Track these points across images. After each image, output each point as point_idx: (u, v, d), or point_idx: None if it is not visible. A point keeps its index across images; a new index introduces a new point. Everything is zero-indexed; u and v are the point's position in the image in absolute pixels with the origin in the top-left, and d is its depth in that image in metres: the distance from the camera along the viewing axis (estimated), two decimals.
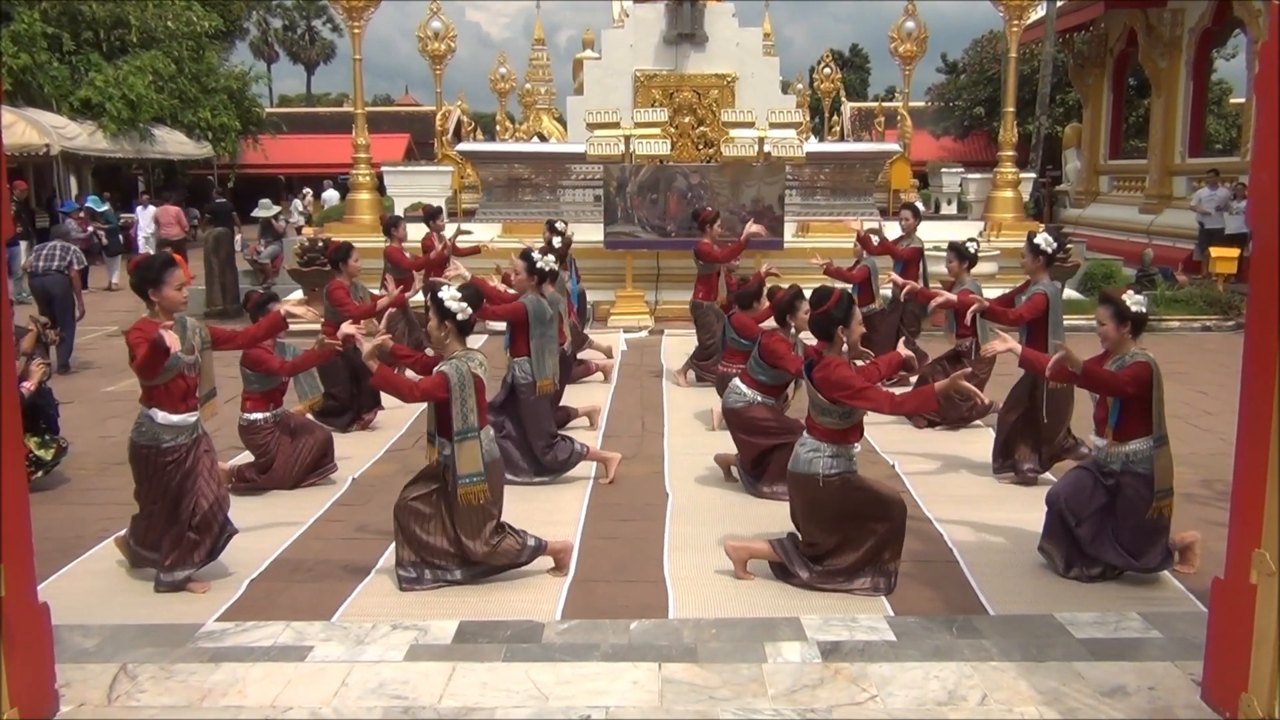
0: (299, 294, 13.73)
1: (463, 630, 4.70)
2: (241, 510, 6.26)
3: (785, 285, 6.78)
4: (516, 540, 5.21)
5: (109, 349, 12.56)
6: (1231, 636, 3.80)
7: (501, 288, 7.40)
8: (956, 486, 6.89)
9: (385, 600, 5.05)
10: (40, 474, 6.83)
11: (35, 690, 3.83)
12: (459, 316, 4.98)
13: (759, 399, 6.58)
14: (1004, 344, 5.10)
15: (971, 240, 8.50)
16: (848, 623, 4.75)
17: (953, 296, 7.19)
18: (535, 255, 6.94)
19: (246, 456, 6.99)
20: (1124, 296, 5.05)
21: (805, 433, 5.10)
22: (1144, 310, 5.06)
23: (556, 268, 7.37)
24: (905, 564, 5.46)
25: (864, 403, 4.86)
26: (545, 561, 5.42)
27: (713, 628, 4.73)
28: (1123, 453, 5.08)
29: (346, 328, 5.26)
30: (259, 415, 6.73)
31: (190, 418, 5.08)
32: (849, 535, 5.08)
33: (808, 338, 5.65)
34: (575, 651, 4.50)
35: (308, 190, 31.22)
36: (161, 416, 4.98)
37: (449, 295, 5.00)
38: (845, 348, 5.09)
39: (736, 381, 6.74)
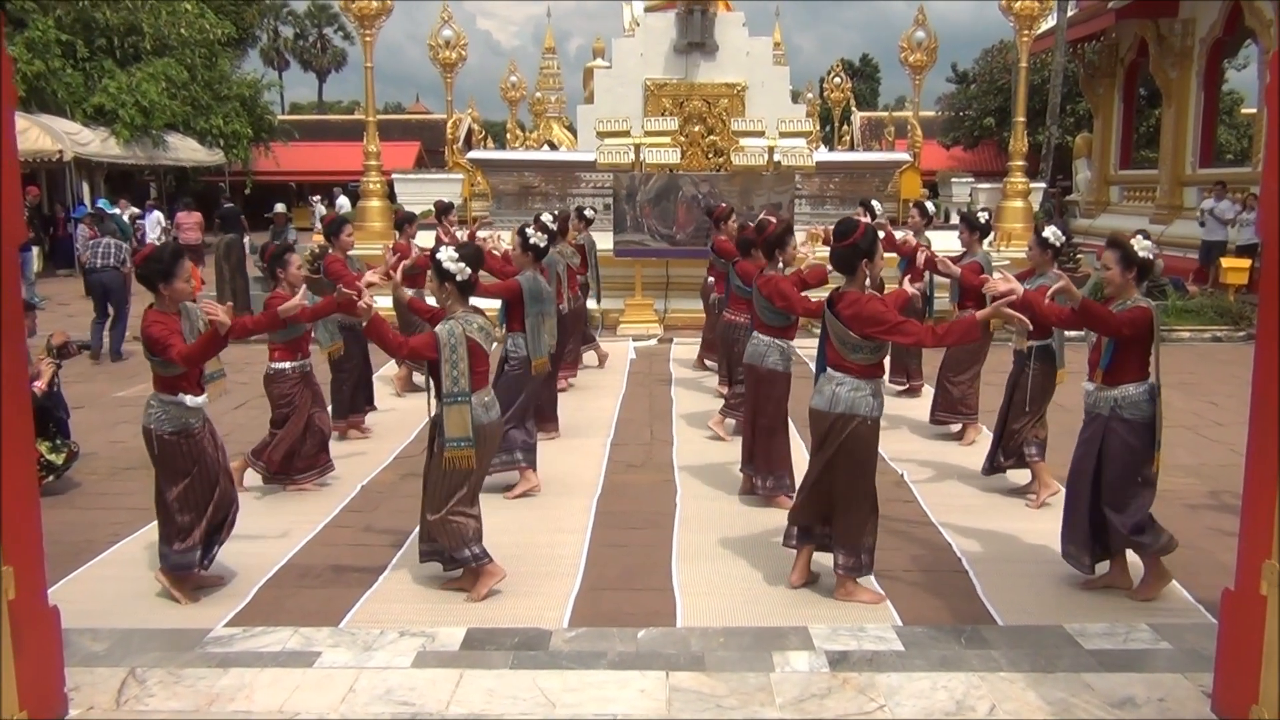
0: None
1: (470, 637, 4.70)
2: (250, 515, 6.28)
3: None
4: (469, 531, 5.07)
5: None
6: (1241, 648, 3.78)
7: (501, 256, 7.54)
8: (965, 496, 6.87)
9: (393, 606, 5.06)
10: (51, 478, 6.86)
11: (44, 693, 3.85)
12: (458, 278, 4.96)
13: (791, 355, 6.51)
14: (1006, 283, 5.00)
15: (983, 210, 8.59)
16: (855, 632, 4.75)
17: (956, 269, 7.19)
18: (528, 231, 6.92)
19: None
20: (1132, 242, 5.03)
21: (832, 370, 4.92)
22: (1150, 257, 5.01)
23: (555, 228, 7.70)
24: (913, 573, 5.47)
25: (902, 337, 4.77)
26: (556, 566, 5.44)
27: (720, 636, 4.73)
28: (1111, 396, 5.02)
29: (370, 275, 5.34)
30: (286, 364, 6.82)
31: (205, 399, 5.15)
32: (851, 497, 5.02)
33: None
34: (582, 659, 4.50)
35: (316, 196, 31.20)
36: (190, 400, 5.02)
37: (446, 256, 4.97)
38: (868, 282, 4.97)
39: (760, 336, 6.54)
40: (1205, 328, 13.68)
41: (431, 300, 5.41)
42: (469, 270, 4.99)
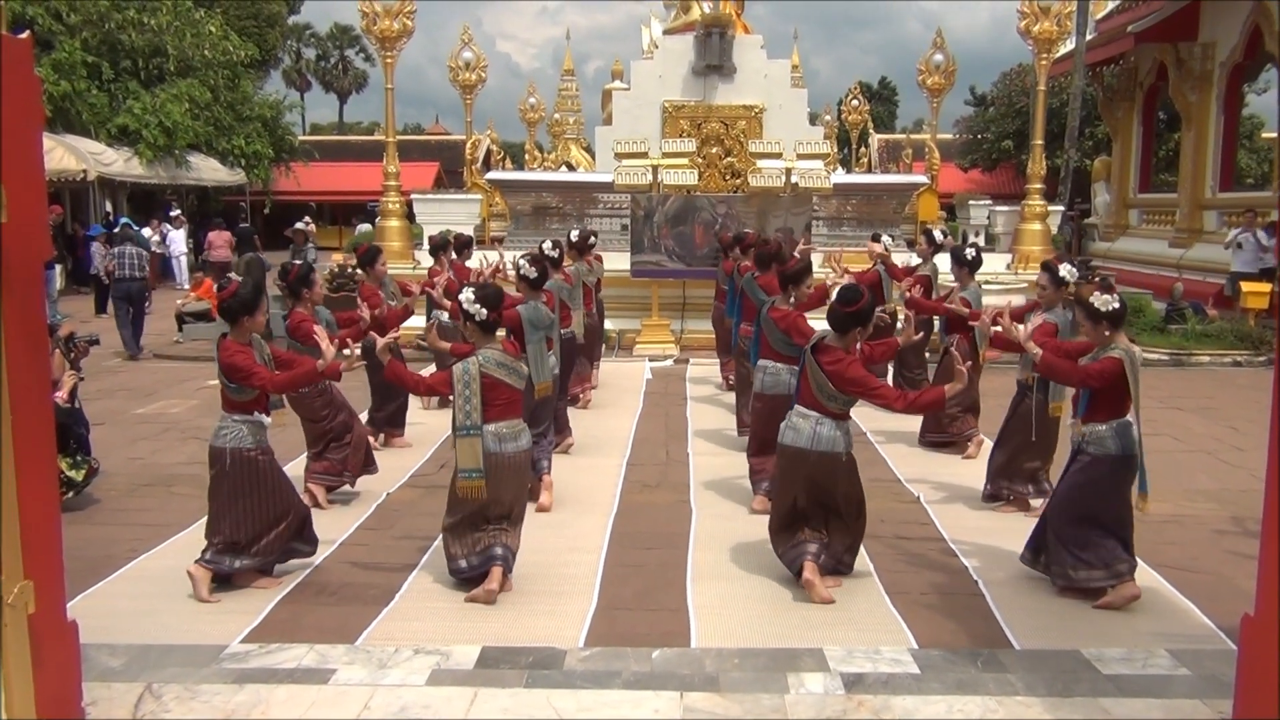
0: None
1: (485, 655, 4.70)
2: None
3: None
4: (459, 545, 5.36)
5: (140, 371, 12.73)
6: (1262, 674, 3.73)
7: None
8: (980, 519, 6.83)
9: (409, 625, 5.07)
10: (71, 494, 6.90)
11: (63, 707, 3.86)
12: (476, 318, 5.20)
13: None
14: (998, 328, 5.63)
15: (971, 246, 8.80)
16: (871, 654, 4.73)
17: (958, 309, 7.46)
18: (521, 263, 7.02)
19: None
20: (1092, 298, 5.27)
21: (805, 408, 5.31)
22: (1116, 308, 5.22)
23: (555, 256, 8.07)
24: (929, 596, 5.45)
25: (877, 400, 5.21)
26: (571, 585, 5.47)
27: (735, 657, 4.71)
28: (1082, 432, 5.33)
29: (411, 286, 5.48)
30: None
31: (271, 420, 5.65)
32: (846, 513, 5.41)
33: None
34: (597, 679, 4.50)
35: (307, 219, 29.64)
36: (265, 419, 5.48)
37: (465, 298, 5.21)
38: (858, 345, 5.33)
39: (774, 364, 6.68)
40: (1225, 352, 13.58)
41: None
42: (485, 312, 5.20)
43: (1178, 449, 8.83)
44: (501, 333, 5.53)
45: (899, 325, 6.54)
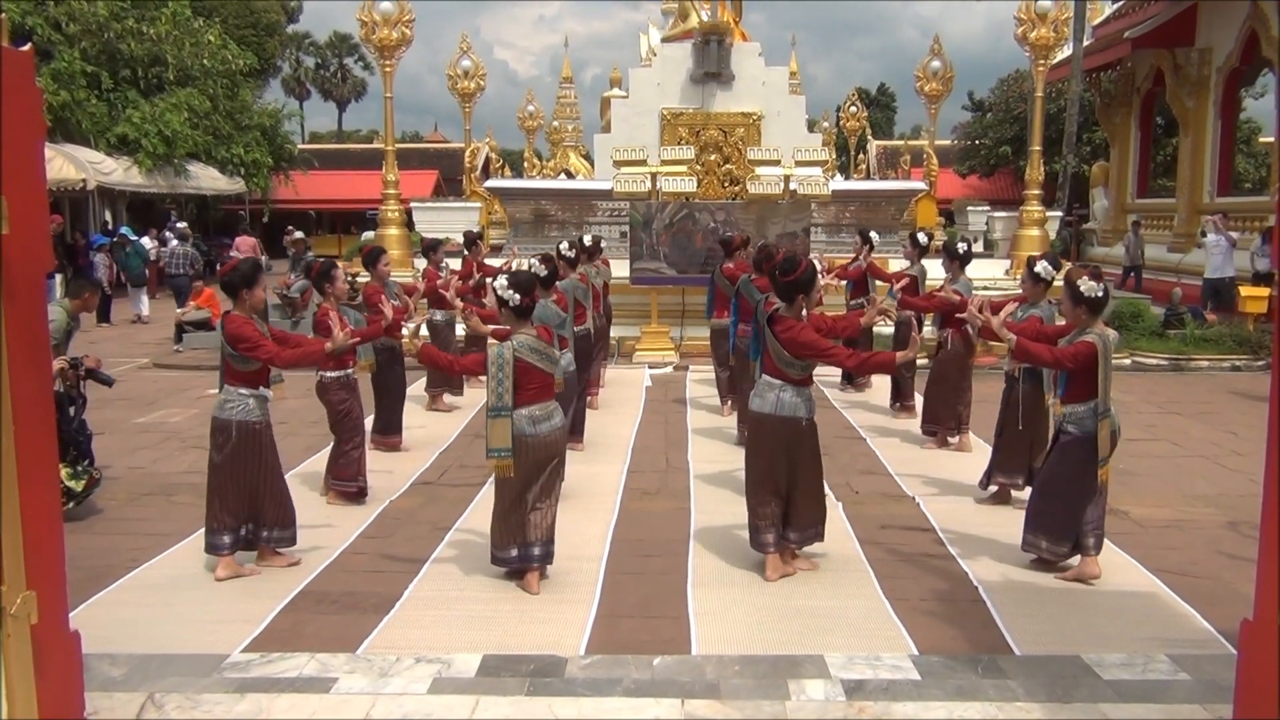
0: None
1: (486, 663, 4.71)
2: None
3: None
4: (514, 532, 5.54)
5: (140, 381, 12.73)
6: (1261, 679, 3.74)
7: None
8: (980, 521, 6.82)
9: (410, 633, 5.07)
10: (71, 505, 6.89)
11: (65, 716, 3.87)
12: (510, 303, 5.36)
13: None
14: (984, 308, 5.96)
15: (962, 240, 9.01)
16: (871, 661, 4.73)
17: (948, 298, 7.98)
18: (532, 262, 7.19)
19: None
20: (1080, 281, 5.57)
21: (771, 377, 5.57)
22: (1098, 295, 5.52)
23: (571, 256, 8.66)
24: (929, 602, 5.46)
25: (829, 360, 5.51)
26: (572, 592, 5.49)
27: (736, 664, 4.72)
28: (1063, 412, 5.68)
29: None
30: (333, 374, 7.11)
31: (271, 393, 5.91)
32: (809, 480, 5.66)
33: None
34: (598, 686, 4.50)
35: (291, 227, 29.34)
36: (268, 393, 5.77)
37: (499, 284, 5.39)
38: (805, 312, 5.57)
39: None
40: (1224, 357, 13.59)
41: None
42: (518, 297, 5.36)
43: (1177, 454, 8.84)
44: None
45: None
